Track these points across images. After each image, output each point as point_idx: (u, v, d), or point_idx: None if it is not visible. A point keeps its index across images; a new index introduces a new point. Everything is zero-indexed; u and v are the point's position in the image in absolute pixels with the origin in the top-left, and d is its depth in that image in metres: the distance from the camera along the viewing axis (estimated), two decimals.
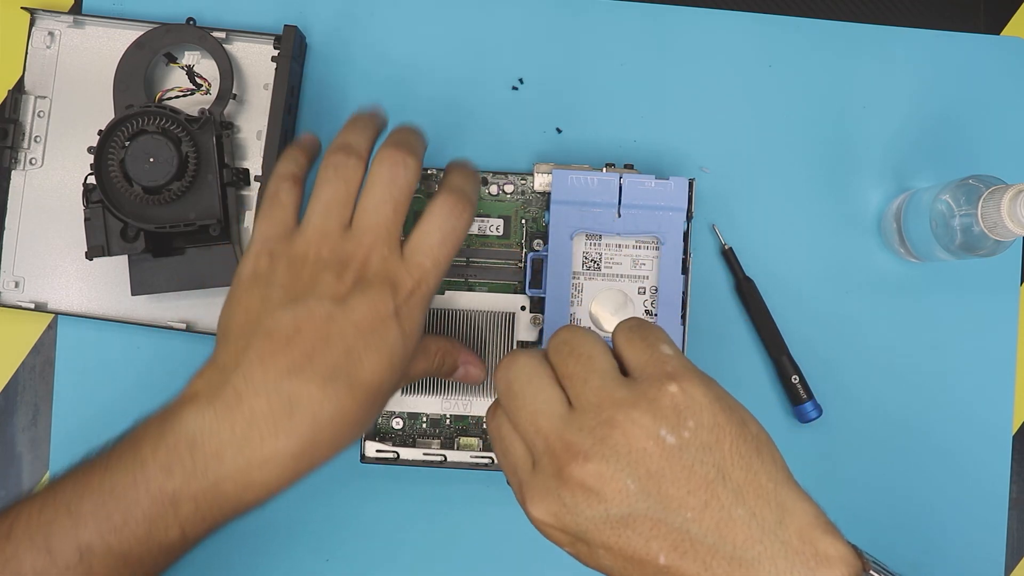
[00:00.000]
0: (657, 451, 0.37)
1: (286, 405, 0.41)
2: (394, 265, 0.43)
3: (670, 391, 0.37)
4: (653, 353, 0.39)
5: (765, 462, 0.38)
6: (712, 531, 0.36)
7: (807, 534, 0.37)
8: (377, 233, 0.43)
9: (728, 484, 0.37)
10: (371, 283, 0.42)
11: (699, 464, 0.37)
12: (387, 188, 0.44)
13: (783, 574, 0.36)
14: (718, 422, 0.38)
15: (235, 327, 0.44)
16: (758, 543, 0.36)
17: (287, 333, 0.42)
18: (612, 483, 0.37)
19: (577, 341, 0.40)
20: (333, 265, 0.43)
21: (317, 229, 0.43)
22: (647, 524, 0.37)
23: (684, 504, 0.36)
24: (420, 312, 0.44)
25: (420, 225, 0.44)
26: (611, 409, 0.37)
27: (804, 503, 0.38)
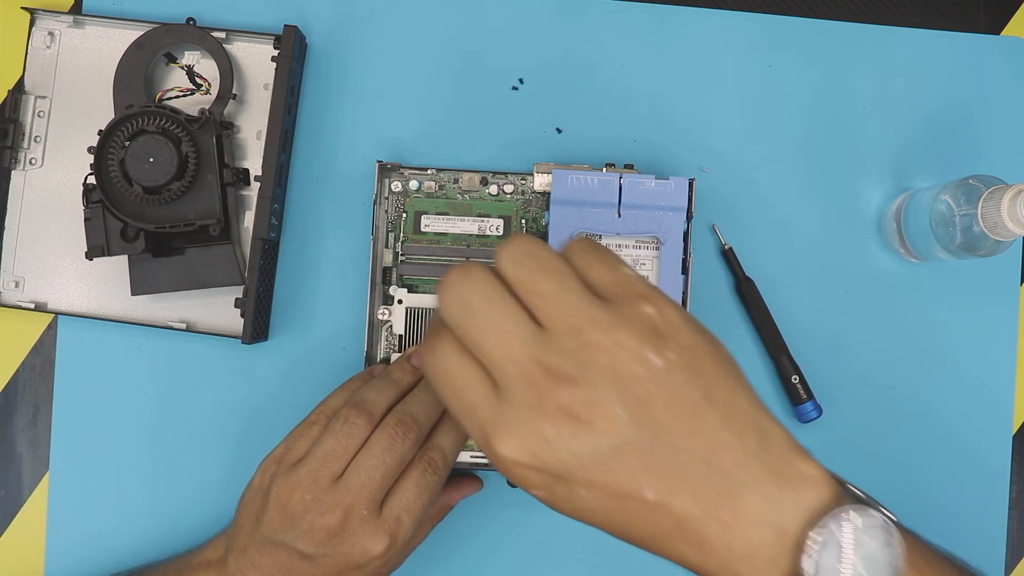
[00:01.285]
0: (645, 374, 0.34)
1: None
2: (371, 525, 0.47)
3: (647, 311, 0.35)
4: (619, 274, 0.37)
5: (740, 383, 0.36)
6: (701, 458, 0.34)
7: (788, 456, 0.35)
8: (360, 494, 0.47)
9: (714, 406, 0.35)
10: (344, 540, 0.47)
11: (685, 386, 0.35)
12: (382, 456, 0.47)
13: (771, 498, 0.35)
14: (696, 342, 0.36)
15: (241, 521, 0.50)
16: (744, 467, 0.35)
17: (260, 565, 0.48)
18: (602, 411, 0.34)
19: (544, 254, 0.36)
20: (314, 511, 0.47)
21: (311, 473, 0.47)
22: (636, 456, 0.34)
23: (674, 431, 0.34)
24: (396, 559, 0.49)
25: (399, 482, 0.48)
26: (592, 330, 0.34)
27: (778, 426, 0.36)
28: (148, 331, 0.58)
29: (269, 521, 0.48)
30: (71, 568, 0.57)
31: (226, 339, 0.57)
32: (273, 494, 0.48)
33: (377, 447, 0.47)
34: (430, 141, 0.59)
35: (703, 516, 0.34)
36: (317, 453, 0.48)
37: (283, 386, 0.58)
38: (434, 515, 0.54)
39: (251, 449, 0.54)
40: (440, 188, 0.57)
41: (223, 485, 0.57)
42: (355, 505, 0.47)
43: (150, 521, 0.57)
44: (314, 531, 0.47)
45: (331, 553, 0.47)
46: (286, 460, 0.49)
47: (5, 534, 0.58)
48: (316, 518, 0.47)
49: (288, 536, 0.47)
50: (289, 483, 0.48)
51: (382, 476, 0.47)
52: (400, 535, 0.48)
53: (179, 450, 0.58)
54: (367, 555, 0.47)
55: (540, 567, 0.58)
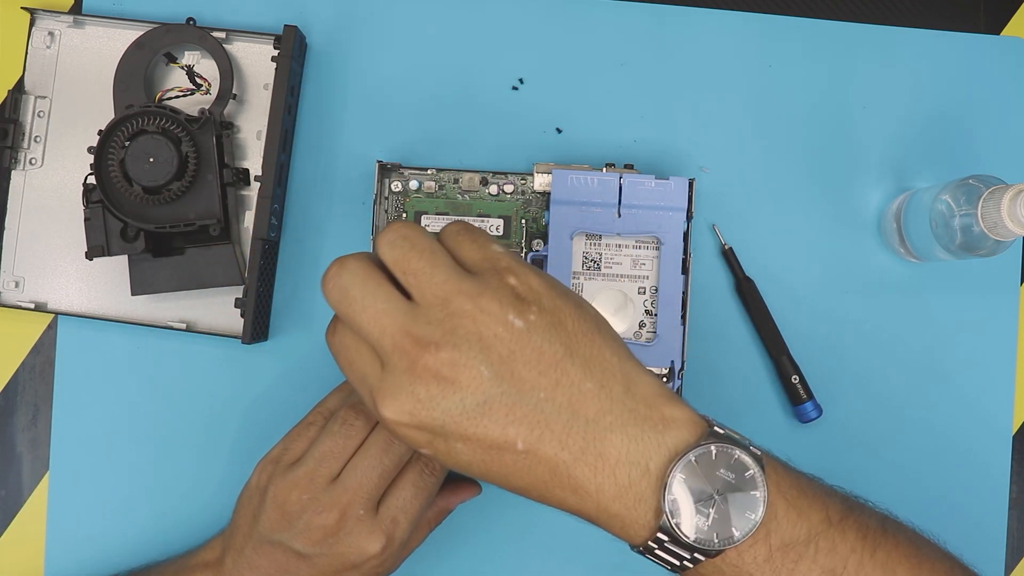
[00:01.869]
0: (507, 335, 0.37)
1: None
2: (367, 525, 0.47)
3: (510, 281, 0.39)
4: (487, 251, 0.40)
5: (607, 339, 0.40)
6: (565, 407, 0.38)
7: (652, 401, 0.39)
8: (356, 494, 0.47)
9: (576, 360, 0.38)
10: (340, 540, 0.47)
11: (547, 344, 0.38)
12: (379, 456, 0.48)
13: (634, 439, 0.38)
14: (558, 304, 0.39)
15: (239, 522, 0.50)
16: (608, 413, 0.38)
17: (256, 565, 0.49)
18: (466, 370, 0.37)
19: (417, 236, 0.40)
20: (311, 511, 0.47)
21: (308, 473, 0.48)
22: (503, 409, 0.37)
23: (537, 384, 0.37)
24: (391, 560, 0.49)
25: (395, 483, 0.49)
26: (459, 299, 0.38)
27: (647, 376, 0.40)
28: (148, 331, 0.58)
29: (266, 521, 0.48)
30: (71, 568, 0.57)
31: (226, 339, 0.57)
32: (270, 494, 0.48)
33: (374, 448, 0.48)
34: (430, 141, 0.59)
35: (572, 461, 0.38)
36: (315, 453, 0.48)
37: (283, 386, 0.58)
38: (431, 519, 0.54)
39: (251, 449, 0.54)
40: (440, 188, 0.57)
41: (223, 485, 0.57)
42: (352, 505, 0.47)
43: (150, 521, 0.57)
44: (311, 531, 0.47)
45: (327, 553, 0.47)
46: (283, 460, 0.49)
47: (5, 534, 0.58)
48: (313, 518, 0.47)
49: (285, 536, 0.47)
50: (286, 483, 0.48)
51: (379, 476, 0.47)
52: (396, 535, 0.48)
53: (179, 450, 0.58)
54: (363, 555, 0.47)
55: (540, 566, 0.58)
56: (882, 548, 0.41)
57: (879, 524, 0.42)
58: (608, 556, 0.57)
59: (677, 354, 0.55)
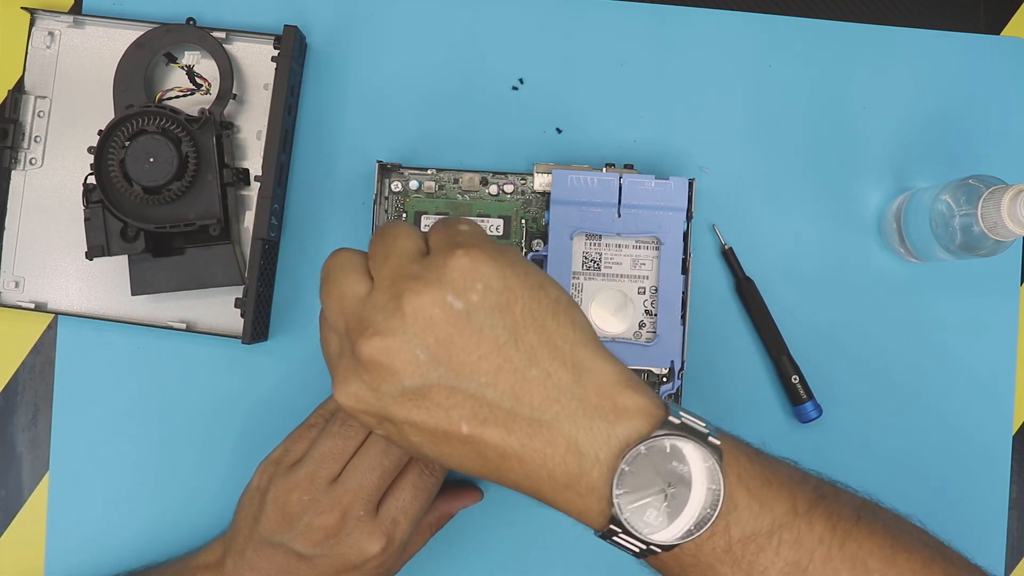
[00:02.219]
0: (444, 317, 0.37)
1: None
2: (368, 526, 0.47)
3: (457, 258, 0.37)
4: (449, 231, 0.39)
5: (562, 324, 0.38)
6: (508, 394, 0.37)
7: (606, 390, 0.38)
8: (357, 495, 0.47)
9: (520, 346, 0.37)
10: (341, 541, 0.47)
11: (489, 328, 0.37)
12: (379, 457, 0.47)
13: (582, 429, 0.37)
14: (509, 285, 0.38)
15: (239, 523, 0.50)
16: (555, 402, 0.37)
17: (257, 567, 0.48)
18: (401, 355, 0.37)
19: (388, 228, 0.40)
20: (311, 512, 0.47)
21: (308, 475, 0.48)
22: (443, 394, 0.37)
23: (477, 369, 0.37)
24: (392, 560, 0.49)
25: (395, 483, 0.48)
26: (401, 281, 0.37)
27: (604, 363, 0.38)
28: (148, 331, 0.58)
29: (266, 522, 0.48)
30: (71, 568, 0.57)
31: (226, 339, 0.57)
32: (271, 495, 0.48)
33: (374, 449, 0.48)
34: (430, 141, 0.59)
35: (520, 448, 0.37)
36: (315, 455, 0.48)
37: (283, 386, 0.58)
38: (433, 523, 0.54)
39: (251, 449, 0.54)
40: (440, 188, 0.57)
41: (223, 485, 0.57)
42: (352, 506, 0.47)
43: (150, 521, 0.57)
44: (311, 532, 0.47)
45: (328, 554, 0.47)
46: (284, 462, 0.49)
47: (5, 534, 0.58)
48: (313, 519, 0.47)
49: (285, 537, 0.47)
50: (287, 484, 0.48)
51: (379, 477, 0.47)
52: (397, 536, 0.48)
53: (179, 450, 0.58)
54: (364, 555, 0.47)
55: (540, 566, 0.58)
56: (853, 538, 0.39)
57: (853, 512, 0.40)
58: (609, 560, 0.57)
59: (677, 354, 0.55)
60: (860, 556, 0.39)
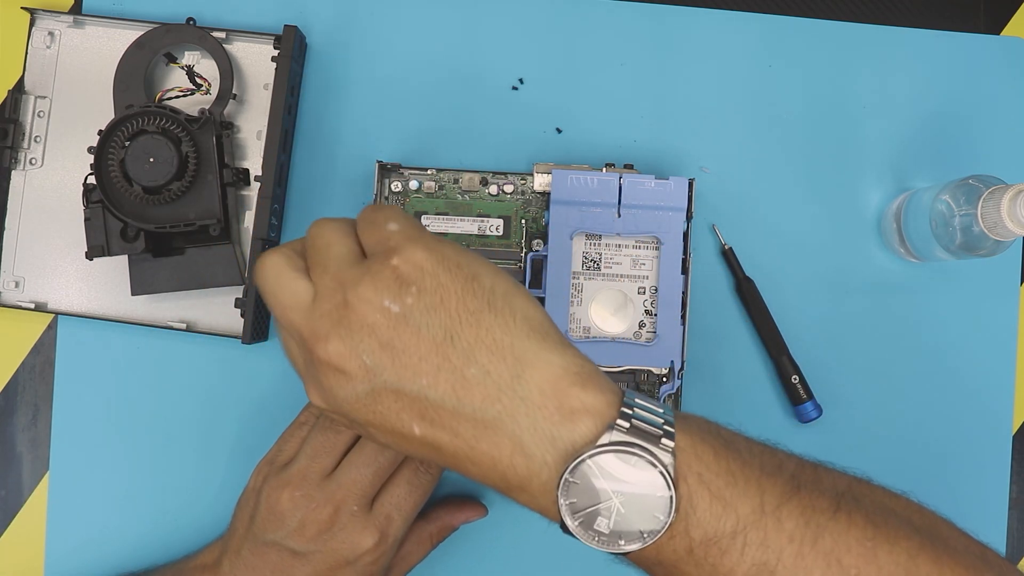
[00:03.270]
0: (384, 322, 0.37)
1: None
2: (361, 521, 0.47)
3: (391, 263, 0.38)
4: (380, 232, 0.39)
5: (500, 316, 0.37)
6: (450, 395, 0.36)
7: (551, 388, 0.36)
8: (350, 490, 0.47)
9: (457, 344, 0.37)
10: (334, 536, 0.47)
11: (425, 328, 0.37)
12: (374, 455, 0.48)
13: (526, 430, 0.36)
14: (441, 283, 0.37)
15: (236, 524, 0.50)
16: (496, 402, 0.36)
17: (253, 566, 0.48)
18: (351, 360, 0.37)
19: (316, 232, 0.40)
20: (304, 507, 0.47)
21: (300, 471, 0.48)
22: (390, 397, 0.37)
23: (418, 371, 0.37)
24: (386, 557, 0.48)
25: (390, 480, 0.49)
26: (342, 290, 0.38)
27: (550, 354, 0.37)
28: (148, 331, 0.58)
29: (261, 521, 0.48)
30: (71, 568, 0.57)
31: (226, 339, 0.57)
32: (264, 494, 0.48)
33: (370, 446, 0.48)
34: (430, 141, 0.59)
35: (468, 450, 0.37)
36: (306, 451, 0.49)
37: (283, 386, 0.58)
38: (435, 534, 0.54)
39: (251, 449, 0.53)
40: (440, 188, 0.57)
41: (223, 485, 0.57)
42: (346, 501, 0.47)
43: (150, 521, 0.57)
44: (305, 527, 0.47)
45: (322, 550, 0.47)
46: (277, 461, 0.50)
47: (5, 534, 0.58)
48: (307, 514, 0.47)
49: (279, 535, 0.48)
50: (280, 482, 0.48)
51: (373, 474, 0.48)
52: (390, 532, 0.48)
53: (179, 450, 0.58)
54: (357, 550, 0.47)
55: (540, 566, 0.58)
56: (828, 533, 0.37)
57: (832, 503, 0.38)
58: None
59: (677, 354, 0.55)
60: (836, 552, 0.37)
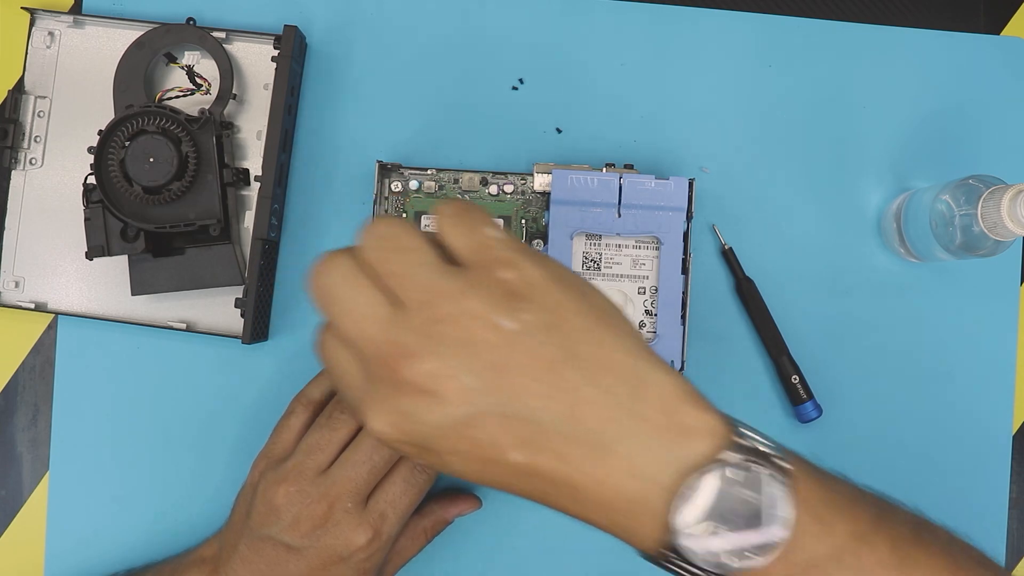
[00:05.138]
0: (496, 339, 0.34)
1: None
2: (355, 517, 0.47)
3: (501, 275, 0.35)
4: (479, 237, 0.36)
5: (616, 334, 0.35)
6: (564, 417, 0.34)
7: (668, 406, 0.35)
8: (345, 487, 0.47)
9: (576, 363, 0.34)
10: (328, 531, 0.47)
11: (542, 346, 0.34)
12: (370, 452, 0.48)
13: (642, 452, 0.34)
14: (557, 299, 0.35)
15: (234, 518, 0.51)
16: (613, 422, 0.34)
17: (249, 560, 0.48)
18: (450, 381, 0.34)
19: (399, 232, 0.36)
20: (299, 502, 0.47)
21: (296, 466, 0.48)
22: (493, 421, 0.34)
23: (531, 392, 0.34)
24: (380, 554, 0.49)
25: (386, 478, 0.49)
26: (441, 302, 0.34)
27: (663, 374, 0.35)
28: (148, 331, 0.58)
29: (257, 515, 0.48)
30: (71, 568, 0.57)
31: (226, 339, 0.57)
32: (261, 488, 0.49)
33: (366, 443, 0.48)
34: (430, 141, 0.59)
35: (573, 473, 0.34)
36: (302, 446, 0.49)
37: (283, 386, 0.58)
38: (429, 528, 0.54)
39: (250, 449, 0.53)
40: (440, 188, 0.57)
41: (223, 485, 0.57)
42: (340, 498, 0.47)
43: (150, 521, 0.57)
44: (299, 523, 0.47)
45: (315, 545, 0.47)
46: (273, 455, 0.50)
47: (5, 534, 0.58)
48: (301, 509, 0.47)
49: (274, 530, 0.48)
50: (276, 476, 0.48)
51: (368, 471, 0.48)
52: (384, 530, 0.48)
53: (179, 450, 0.58)
54: (350, 547, 0.47)
55: (540, 566, 0.58)
56: (913, 561, 0.37)
57: (912, 532, 0.38)
58: (610, 563, 0.57)
59: (677, 354, 0.55)
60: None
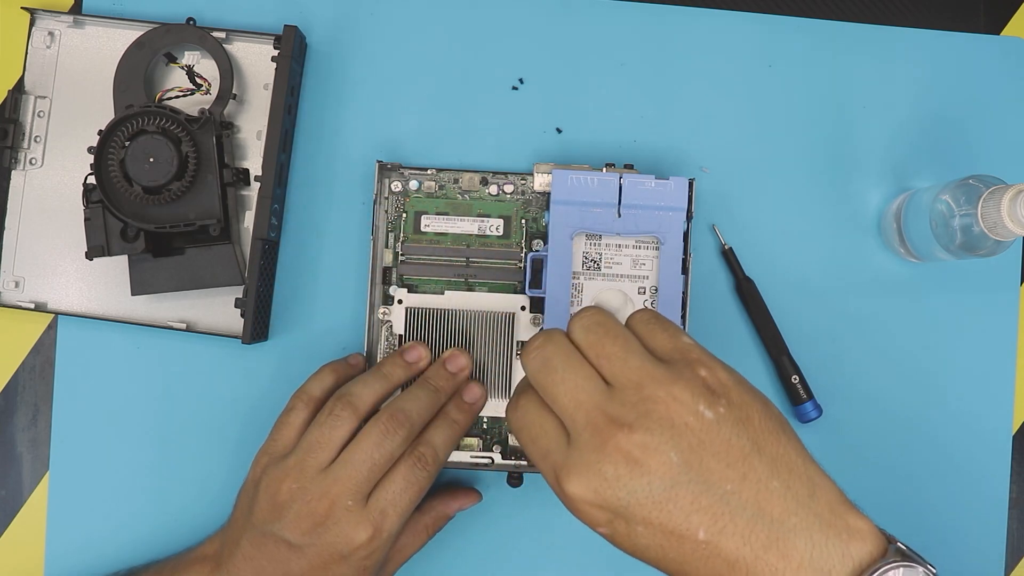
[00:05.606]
0: (698, 425, 0.38)
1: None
2: (356, 515, 0.48)
3: (701, 373, 0.39)
4: (677, 342, 0.41)
5: (792, 439, 0.40)
6: (751, 503, 0.37)
7: (837, 508, 0.38)
8: (346, 485, 0.48)
9: (763, 457, 0.38)
10: (328, 529, 0.48)
11: (736, 437, 0.38)
12: (370, 450, 0.49)
13: (819, 545, 0.37)
14: (746, 400, 0.39)
15: (236, 515, 0.51)
16: (794, 515, 0.37)
17: (251, 557, 0.49)
18: (656, 454, 0.38)
19: (611, 323, 0.41)
20: (300, 500, 0.48)
21: (297, 463, 0.49)
22: (688, 497, 0.37)
23: (724, 476, 0.38)
24: (380, 552, 0.49)
25: (387, 475, 0.49)
26: (652, 385, 0.39)
27: (829, 481, 0.39)
28: (148, 331, 0.58)
29: (258, 511, 0.49)
30: (71, 568, 0.57)
31: (226, 339, 0.57)
32: (263, 484, 0.49)
33: (367, 441, 0.49)
34: (430, 141, 0.59)
35: (753, 558, 0.37)
36: (303, 444, 0.49)
37: (283, 386, 0.58)
38: (430, 524, 0.54)
39: (251, 449, 0.53)
40: (440, 188, 0.57)
41: (223, 485, 0.57)
42: (341, 495, 0.48)
43: (150, 521, 0.57)
44: (300, 520, 0.48)
45: (316, 543, 0.48)
46: (275, 451, 0.51)
47: (5, 534, 0.58)
48: (302, 506, 0.48)
49: (276, 526, 0.48)
50: (278, 472, 0.49)
51: (369, 469, 0.48)
52: (385, 528, 0.48)
53: (179, 450, 0.58)
54: (351, 544, 0.48)
55: (541, 567, 0.58)
56: None
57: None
58: (608, 561, 0.57)
59: None
60: None
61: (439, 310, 0.56)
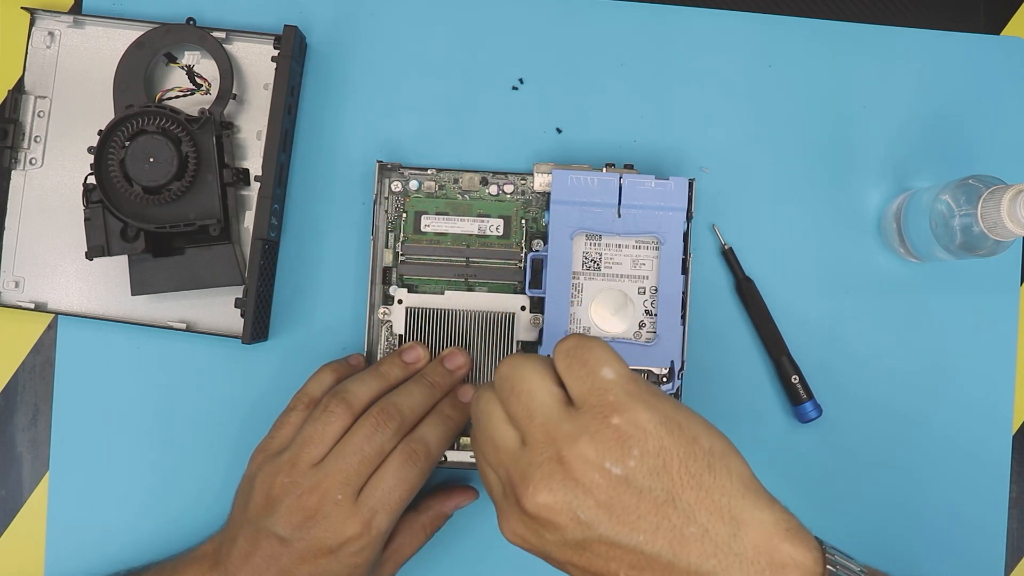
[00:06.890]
0: (604, 483, 0.38)
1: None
2: (345, 509, 0.48)
3: (613, 423, 0.38)
4: (594, 381, 0.40)
5: (719, 477, 0.39)
6: (667, 549, 0.37)
7: (764, 544, 0.38)
8: (336, 478, 0.48)
9: (678, 505, 0.38)
10: (318, 523, 0.48)
11: (647, 490, 0.38)
12: (360, 443, 0.49)
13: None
14: (664, 446, 0.38)
15: (234, 512, 0.52)
16: (712, 557, 0.37)
17: (247, 552, 0.49)
18: (563, 514, 0.38)
19: (516, 378, 0.41)
20: (292, 494, 0.48)
21: (291, 458, 0.49)
22: (603, 547, 0.38)
23: (636, 527, 0.37)
24: (371, 549, 0.49)
25: (378, 471, 0.49)
26: (557, 444, 0.38)
27: (762, 513, 0.38)
28: (148, 331, 0.58)
29: (253, 507, 0.49)
30: (71, 568, 0.57)
31: (226, 339, 0.57)
32: (258, 480, 0.50)
33: (357, 435, 0.49)
34: (430, 141, 0.59)
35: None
36: (297, 440, 0.50)
37: (283, 386, 0.58)
38: (428, 524, 0.54)
39: (251, 449, 0.53)
40: (440, 188, 0.57)
41: (223, 485, 0.57)
42: (331, 489, 0.48)
43: (150, 521, 0.57)
44: (291, 514, 0.48)
45: (306, 537, 0.48)
46: (270, 448, 0.51)
47: (5, 534, 0.58)
48: (294, 500, 0.48)
49: (269, 521, 0.48)
50: (272, 468, 0.49)
51: (359, 462, 0.48)
52: (375, 524, 0.49)
53: (179, 450, 0.58)
54: (339, 538, 0.48)
55: (540, 567, 0.58)
56: None
57: None
58: None
59: (677, 354, 0.55)
60: None
61: (439, 310, 0.56)
